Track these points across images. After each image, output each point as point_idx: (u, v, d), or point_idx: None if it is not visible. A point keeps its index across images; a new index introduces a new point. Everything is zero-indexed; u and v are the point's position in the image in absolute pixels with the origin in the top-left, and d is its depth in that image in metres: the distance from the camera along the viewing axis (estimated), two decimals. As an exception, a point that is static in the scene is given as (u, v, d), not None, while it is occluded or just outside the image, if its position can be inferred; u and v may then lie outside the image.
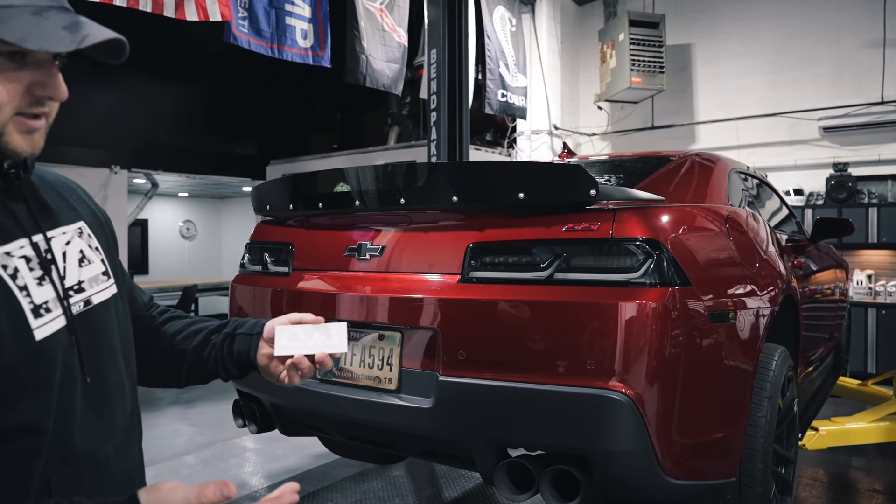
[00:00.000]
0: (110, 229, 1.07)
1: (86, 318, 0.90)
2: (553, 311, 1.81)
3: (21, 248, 0.83)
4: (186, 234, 11.64)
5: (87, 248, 0.95)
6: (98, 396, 0.89)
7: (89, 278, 0.93)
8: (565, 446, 1.80)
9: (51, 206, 0.93)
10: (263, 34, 4.68)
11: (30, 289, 0.81)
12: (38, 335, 0.80)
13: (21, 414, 0.77)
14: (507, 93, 6.65)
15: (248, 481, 3.97)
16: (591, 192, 1.82)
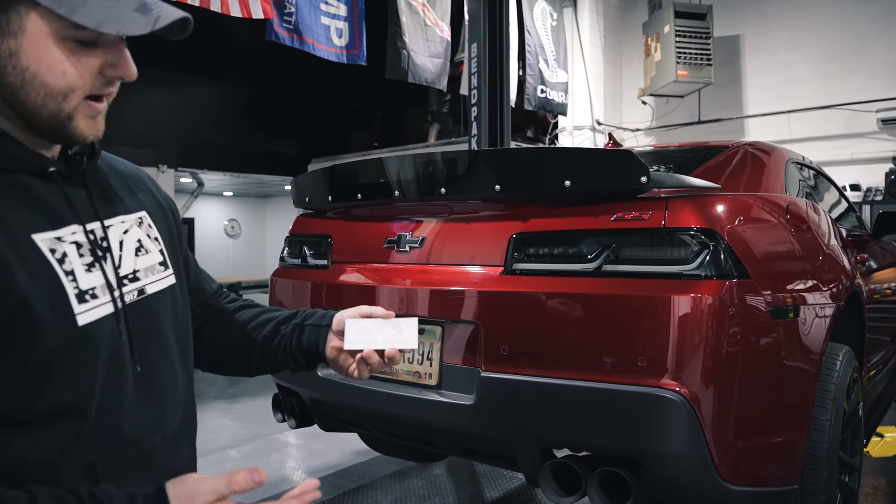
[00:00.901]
0: (175, 220, 1.07)
1: (139, 307, 0.89)
2: (601, 305, 1.72)
3: (73, 234, 0.83)
4: (231, 233, 11.83)
5: (146, 237, 0.96)
6: (149, 386, 0.89)
7: (145, 268, 0.93)
8: (614, 447, 1.71)
9: (113, 194, 0.94)
10: (305, 32, 4.70)
11: (77, 274, 0.81)
12: (81, 320, 0.79)
13: (61, 396, 0.77)
14: (545, 88, 6.54)
15: (289, 476, 3.97)
16: (642, 180, 1.72)
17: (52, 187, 0.83)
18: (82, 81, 0.79)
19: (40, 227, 0.79)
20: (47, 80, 0.77)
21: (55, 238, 0.80)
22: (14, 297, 0.73)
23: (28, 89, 0.77)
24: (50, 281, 0.77)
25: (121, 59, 0.80)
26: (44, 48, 0.75)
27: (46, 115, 0.79)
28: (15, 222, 0.76)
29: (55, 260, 0.79)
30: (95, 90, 0.80)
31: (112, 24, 0.74)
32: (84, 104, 0.80)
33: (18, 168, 0.79)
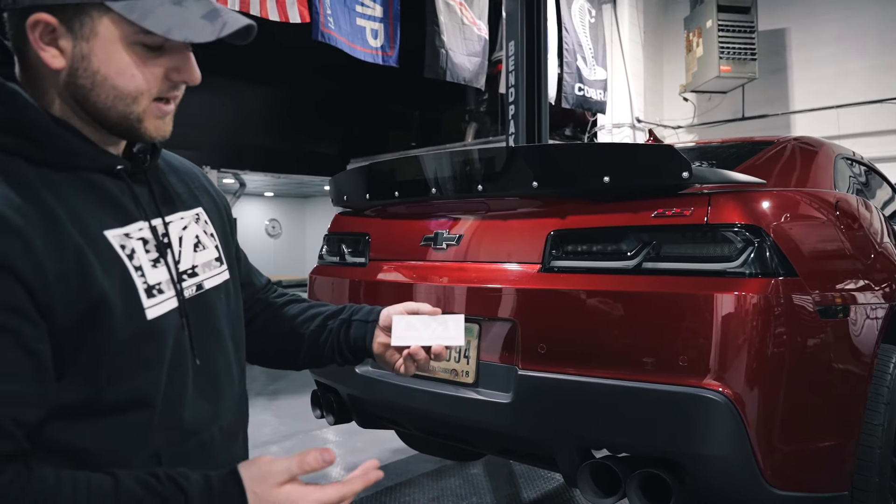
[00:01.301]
0: (228, 216, 1.10)
1: (197, 301, 0.92)
2: (641, 303, 1.69)
3: (140, 231, 0.85)
4: (272, 232, 12.03)
5: (203, 234, 0.98)
6: (207, 379, 0.91)
7: (202, 263, 0.95)
8: (655, 448, 1.68)
9: (172, 191, 0.96)
10: (341, 33, 4.74)
11: (144, 270, 0.83)
12: (150, 314, 0.82)
13: (133, 388, 0.80)
14: (583, 86, 6.47)
15: (328, 472, 4.00)
16: (684, 175, 1.69)
17: (119, 184, 0.85)
18: (149, 85, 0.81)
19: (110, 224, 0.82)
20: (116, 83, 0.79)
21: (124, 234, 0.83)
22: (92, 290, 0.75)
23: (98, 91, 0.79)
24: (121, 276, 0.80)
25: (186, 64, 0.83)
26: (114, 52, 0.78)
27: (116, 116, 0.81)
28: (88, 219, 0.79)
29: (125, 255, 0.81)
30: (162, 93, 0.83)
31: (180, 31, 0.77)
32: (152, 106, 0.83)
33: (88, 166, 0.82)
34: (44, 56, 0.78)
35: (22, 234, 0.71)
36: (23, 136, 0.77)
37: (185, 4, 0.79)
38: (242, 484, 0.76)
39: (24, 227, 0.71)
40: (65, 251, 0.74)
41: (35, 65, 0.79)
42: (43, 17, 0.76)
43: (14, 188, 0.74)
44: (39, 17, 0.76)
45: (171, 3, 0.78)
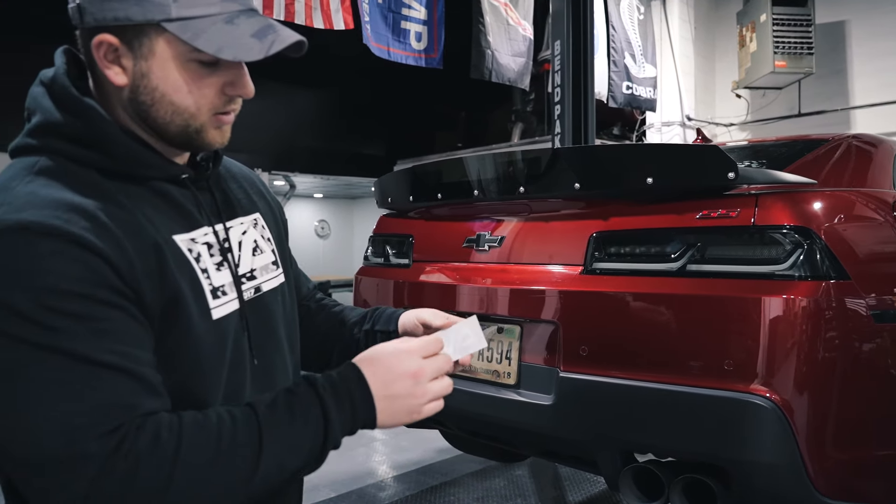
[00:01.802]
0: (282, 220, 1.13)
1: (256, 304, 0.95)
2: (686, 306, 1.67)
3: (205, 236, 0.89)
4: (321, 233, 12.23)
5: (261, 238, 1.01)
6: (264, 378, 0.95)
7: (260, 267, 0.98)
8: (699, 453, 1.65)
9: (233, 197, 1.00)
10: (383, 38, 4.80)
11: (210, 272, 0.87)
12: (215, 315, 0.86)
13: (199, 385, 0.84)
14: (632, 84, 6.37)
15: (374, 470, 4.07)
16: (730, 176, 1.66)
17: (184, 192, 0.89)
18: (205, 100, 0.84)
19: (178, 230, 0.86)
20: (174, 99, 0.83)
21: (191, 239, 0.87)
22: (170, 287, 0.80)
23: (157, 107, 0.83)
24: (190, 277, 0.84)
25: (240, 79, 0.86)
26: (170, 70, 0.81)
27: (175, 130, 0.85)
28: (160, 225, 0.83)
29: (192, 259, 0.85)
30: (218, 107, 0.86)
31: (230, 51, 0.79)
32: (211, 119, 0.86)
33: (156, 176, 0.86)
34: (108, 73, 0.82)
35: (110, 229, 0.76)
36: (98, 150, 0.81)
37: (237, 23, 0.81)
38: (355, 364, 0.86)
39: (111, 224, 0.76)
40: (146, 249, 0.79)
41: (103, 80, 0.84)
42: (106, 38, 0.80)
43: (94, 194, 0.78)
44: (103, 37, 0.80)
45: (224, 22, 0.80)
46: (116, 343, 0.73)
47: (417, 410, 0.87)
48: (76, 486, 0.68)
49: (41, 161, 0.80)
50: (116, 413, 0.71)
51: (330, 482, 3.85)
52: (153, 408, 0.75)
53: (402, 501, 3.58)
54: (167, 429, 0.73)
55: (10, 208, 0.73)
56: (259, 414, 0.78)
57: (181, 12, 0.78)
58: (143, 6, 0.78)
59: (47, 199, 0.75)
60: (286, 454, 0.78)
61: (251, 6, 0.84)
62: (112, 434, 0.70)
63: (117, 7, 0.78)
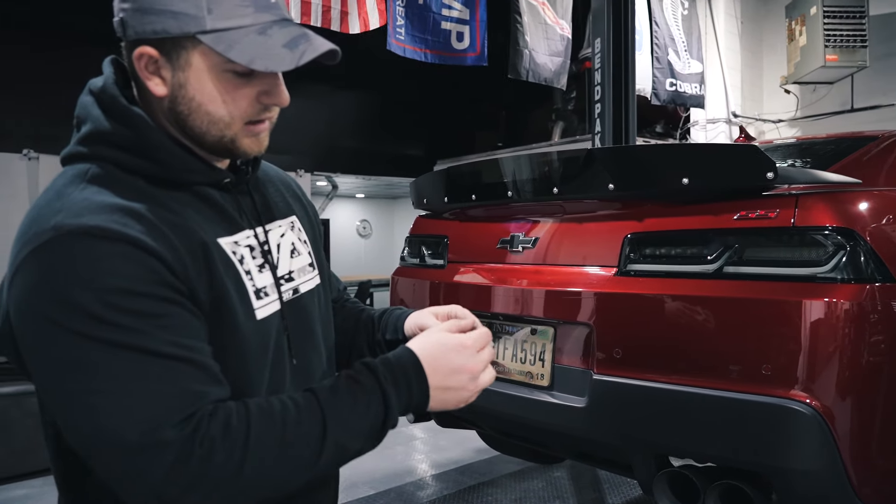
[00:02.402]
0: (317, 223, 1.15)
1: (294, 304, 0.98)
2: (722, 308, 1.64)
3: (247, 238, 0.92)
4: (363, 233, 12.38)
5: (298, 240, 1.04)
6: (303, 377, 0.97)
7: (298, 269, 1.01)
8: (735, 459, 1.62)
9: (271, 200, 1.03)
10: (419, 41, 4.81)
11: (252, 274, 0.90)
12: (259, 315, 0.89)
13: (245, 383, 0.86)
14: (676, 81, 6.25)
15: (414, 468, 4.10)
16: (769, 176, 1.62)
17: (227, 197, 0.92)
18: (240, 110, 0.86)
19: (222, 233, 0.89)
20: (209, 109, 0.85)
21: (234, 242, 0.90)
22: (218, 286, 0.83)
23: (194, 117, 0.86)
24: (235, 278, 0.87)
25: (275, 88, 0.87)
26: (206, 80, 0.84)
27: (211, 139, 0.88)
28: (206, 228, 0.86)
29: (237, 260, 0.88)
30: (253, 116, 0.88)
31: (262, 61, 0.81)
32: (244, 128, 0.88)
33: (201, 181, 0.89)
34: (149, 84, 0.85)
35: (163, 231, 0.79)
36: (145, 157, 0.85)
37: (270, 33, 0.83)
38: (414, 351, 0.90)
39: (163, 227, 0.80)
40: (195, 249, 0.82)
41: (146, 90, 0.86)
42: (146, 50, 0.83)
43: (144, 199, 0.82)
44: (143, 49, 0.83)
45: (256, 34, 0.82)
46: (179, 336, 0.76)
47: (466, 401, 0.92)
48: (155, 472, 0.71)
49: (92, 168, 0.84)
50: (189, 401, 0.74)
51: (369, 480, 3.90)
52: (221, 396, 0.78)
53: (440, 500, 3.60)
54: (236, 415, 0.76)
55: (69, 214, 0.77)
56: (321, 400, 0.82)
57: (215, 24, 0.80)
58: (179, 19, 0.80)
59: (102, 204, 0.78)
60: (348, 437, 0.82)
61: (285, 16, 0.86)
62: (187, 421, 0.73)
63: (155, 21, 0.81)
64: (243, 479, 0.74)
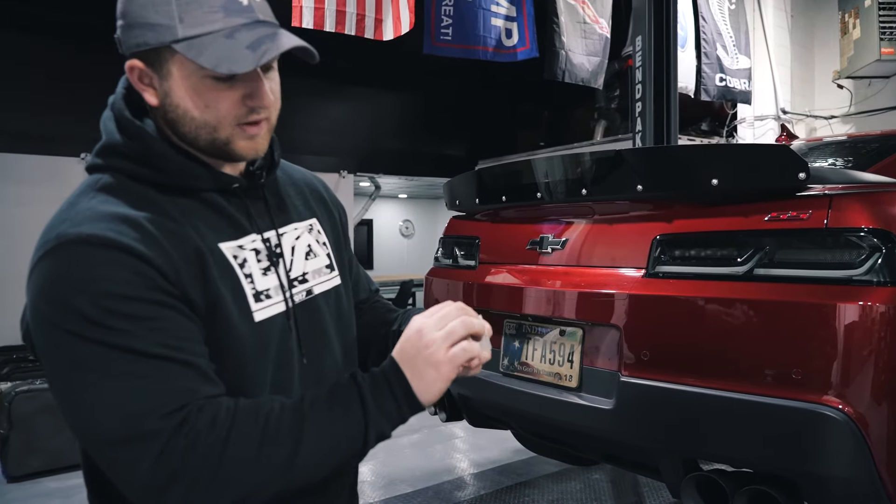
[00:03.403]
0: (342, 224, 1.17)
1: (307, 306, 1.00)
2: (752, 311, 1.61)
3: (252, 242, 0.95)
4: (406, 233, 12.49)
5: (315, 242, 1.06)
6: (313, 377, 0.98)
7: (313, 270, 1.03)
8: (765, 465, 1.59)
9: (290, 203, 1.05)
10: (468, 39, 4.82)
11: (254, 277, 0.93)
12: (257, 317, 0.91)
13: (243, 382, 0.89)
14: (725, 77, 6.10)
15: (452, 467, 4.13)
16: (801, 176, 1.59)
17: (235, 202, 0.95)
18: (224, 113, 0.88)
19: (226, 237, 0.91)
20: (195, 115, 0.88)
21: (237, 246, 0.92)
22: (211, 290, 0.86)
23: (182, 123, 0.89)
24: (233, 282, 0.90)
25: (256, 90, 0.88)
26: (187, 87, 0.87)
27: (203, 143, 0.90)
28: (207, 233, 0.89)
29: (237, 265, 0.91)
30: (241, 118, 0.89)
31: (226, 64, 0.82)
32: (237, 130, 0.90)
33: (205, 187, 0.93)
34: (145, 96, 0.89)
35: (157, 239, 0.83)
36: (150, 166, 0.89)
37: (236, 36, 0.84)
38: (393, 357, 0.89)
39: (158, 234, 0.84)
40: (189, 255, 0.85)
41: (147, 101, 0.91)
42: (135, 63, 0.87)
43: (146, 206, 0.86)
44: (132, 63, 0.88)
45: (224, 37, 0.84)
46: (170, 338, 0.80)
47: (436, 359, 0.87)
48: (143, 463, 0.76)
49: (103, 178, 0.89)
50: (177, 397, 0.78)
51: (407, 478, 3.94)
52: (212, 393, 0.81)
53: (476, 500, 3.61)
54: (225, 411, 0.79)
55: (72, 223, 0.82)
56: (304, 404, 0.83)
57: (187, 32, 0.83)
58: (156, 31, 0.84)
59: (103, 213, 0.83)
60: (327, 442, 0.83)
61: (259, 18, 0.87)
62: (176, 413, 0.77)
63: (138, 34, 0.85)
64: (223, 473, 0.77)
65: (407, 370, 0.88)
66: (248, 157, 0.93)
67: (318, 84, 7.67)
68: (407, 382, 0.87)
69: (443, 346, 0.87)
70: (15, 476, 3.94)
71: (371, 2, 4.22)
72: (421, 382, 0.87)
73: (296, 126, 7.52)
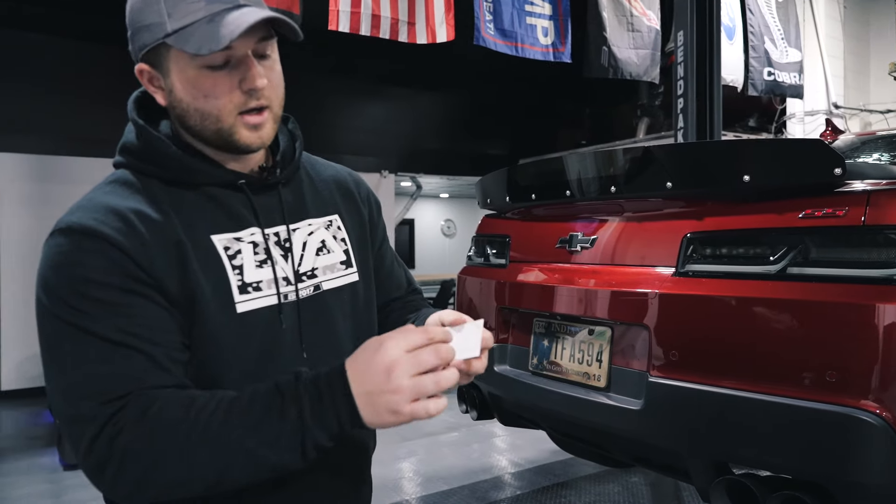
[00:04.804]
0: (371, 221, 1.17)
1: (313, 301, 1.00)
2: (785, 311, 1.56)
3: (251, 236, 0.96)
4: (447, 232, 12.53)
5: (332, 239, 1.06)
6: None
7: (323, 266, 1.03)
8: (798, 470, 1.54)
9: (308, 199, 1.06)
10: (508, 35, 4.82)
11: (244, 269, 0.93)
12: (240, 308, 0.92)
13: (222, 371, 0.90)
14: (773, 70, 5.93)
15: (490, 466, 4.14)
16: (836, 172, 1.53)
17: (240, 196, 0.97)
18: (224, 100, 0.90)
19: (222, 230, 0.93)
20: (197, 106, 0.91)
21: (233, 238, 0.94)
22: (188, 280, 0.88)
23: (188, 116, 0.92)
24: (217, 273, 0.91)
25: (248, 73, 0.90)
26: (186, 80, 0.90)
27: (209, 134, 0.93)
28: (200, 225, 0.92)
29: (226, 256, 0.92)
30: (241, 105, 0.91)
31: (206, 46, 0.85)
32: (239, 120, 0.91)
33: (208, 182, 0.95)
34: (156, 97, 0.94)
35: (137, 229, 0.86)
36: (152, 162, 0.94)
37: (217, 20, 0.86)
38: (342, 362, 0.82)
39: (139, 225, 0.87)
40: (168, 246, 0.88)
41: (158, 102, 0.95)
42: (141, 66, 0.92)
43: (140, 201, 0.90)
44: (140, 66, 0.92)
45: (206, 23, 0.86)
46: (131, 325, 0.83)
47: (397, 409, 0.78)
48: (82, 442, 0.80)
49: (117, 174, 0.95)
50: (122, 384, 0.81)
51: (444, 475, 3.96)
52: (161, 383, 0.83)
53: (513, 499, 3.60)
54: (158, 403, 0.80)
55: (71, 212, 0.88)
56: (240, 401, 0.81)
57: (175, 25, 0.87)
58: (150, 30, 0.88)
59: (98, 205, 0.88)
60: (258, 444, 0.79)
61: (240, 3, 0.89)
62: (115, 402, 0.80)
63: (138, 38, 0.90)
64: (145, 464, 0.78)
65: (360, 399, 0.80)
66: (253, 147, 0.95)
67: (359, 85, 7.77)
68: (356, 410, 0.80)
69: (409, 398, 0.79)
70: (71, 464, 4.13)
71: (404, 6, 4.26)
72: (372, 417, 0.80)
73: (337, 126, 7.63)
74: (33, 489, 3.88)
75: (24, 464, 4.32)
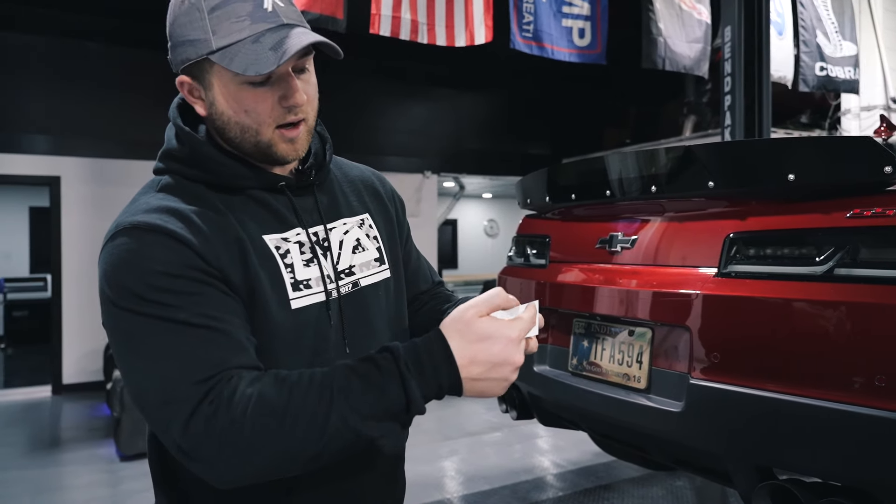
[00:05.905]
0: (398, 220, 1.21)
1: (352, 297, 1.05)
2: (832, 313, 1.52)
3: (297, 236, 1.00)
4: (490, 232, 12.51)
5: (365, 237, 1.11)
6: None
7: (360, 263, 1.08)
8: (844, 476, 1.50)
9: (341, 199, 1.11)
10: (544, 38, 4.81)
11: (295, 268, 0.98)
12: (294, 305, 0.97)
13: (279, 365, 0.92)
14: (826, 65, 5.74)
15: (532, 467, 4.13)
16: (887, 170, 1.49)
17: (282, 198, 1.01)
18: (264, 116, 0.94)
19: (270, 230, 0.98)
20: (238, 120, 0.95)
21: (282, 238, 0.98)
22: (251, 275, 0.93)
23: (228, 129, 0.96)
24: (273, 270, 0.95)
25: (289, 90, 0.93)
26: (227, 94, 0.94)
27: (248, 146, 0.97)
28: (251, 226, 0.96)
29: (279, 255, 0.97)
30: (279, 120, 0.95)
31: (253, 67, 0.88)
32: (276, 133, 0.96)
33: (252, 185, 1.00)
34: (195, 107, 0.98)
35: (200, 227, 0.90)
36: (199, 168, 0.98)
37: (262, 41, 0.89)
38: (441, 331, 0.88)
39: (201, 224, 0.91)
40: (230, 242, 0.92)
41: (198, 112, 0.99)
42: (183, 79, 0.96)
43: (195, 202, 0.94)
44: (181, 78, 0.96)
45: (251, 43, 0.89)
46: (208, 309, 0.86)
47: (504, 389, 0.89)
48: (175, 425, 0.81)
49: (163, 179, 0.99)
50: (208, 366, 0.83)
51: (485, 475, 3.97)
52: (243, 363, 0.86)
53: (554, 501, 3.59)
54: (249, 383, 0.83)
55: (129, 214, 0.92)
56: (335, 377, 0.84)
57: (220, 43, 0.90)
58: (195, 46, 0.91)
59: (155, 206, 0.92)
60: (358, 419, 0.82)
61: (283, 22, 0.92)
62: (204, 383, 0.82)
63: (181, 51, 0.93)
64: (245, 440, 0.80)
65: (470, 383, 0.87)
66: (290, 158, 0.99)
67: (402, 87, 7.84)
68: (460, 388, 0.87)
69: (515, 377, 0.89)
70: (127, 455, 4.30)
71: (441, 12, 4.30)
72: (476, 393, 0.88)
73: (380, 128, 7.71)
74: (91, 478, 4.06)
75: (84, 454, 4.52)
